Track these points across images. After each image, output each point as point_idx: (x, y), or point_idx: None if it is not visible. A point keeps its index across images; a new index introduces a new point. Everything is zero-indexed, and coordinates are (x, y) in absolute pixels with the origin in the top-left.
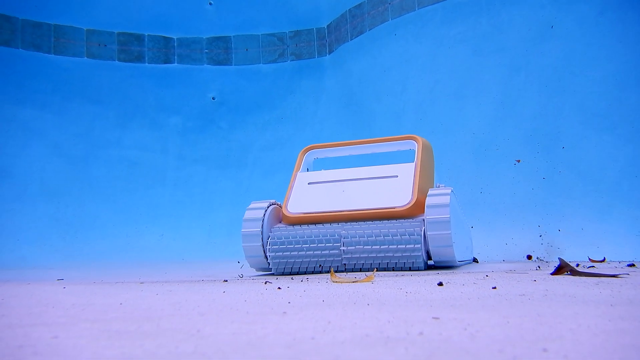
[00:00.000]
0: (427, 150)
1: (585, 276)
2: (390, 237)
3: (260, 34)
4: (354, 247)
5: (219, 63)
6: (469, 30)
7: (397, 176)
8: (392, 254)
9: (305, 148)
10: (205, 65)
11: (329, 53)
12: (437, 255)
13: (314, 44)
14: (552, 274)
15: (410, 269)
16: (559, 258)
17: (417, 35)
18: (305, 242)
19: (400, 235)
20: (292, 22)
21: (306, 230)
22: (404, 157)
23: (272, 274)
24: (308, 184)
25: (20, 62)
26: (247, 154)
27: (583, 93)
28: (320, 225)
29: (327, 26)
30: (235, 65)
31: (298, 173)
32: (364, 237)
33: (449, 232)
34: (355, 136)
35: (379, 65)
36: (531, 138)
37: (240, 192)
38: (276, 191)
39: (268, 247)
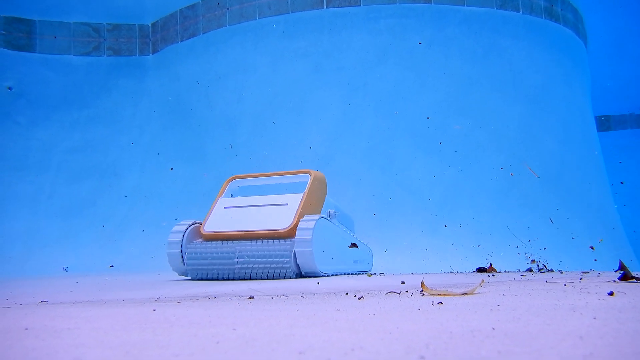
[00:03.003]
0: (316, 182)
1: None
2: (270, 252)
3: (72, 22)
4: (245, 260)
5: (19, 49)
6: (310, 46)
7: (287, 204)
8: (269, 266)
9: (230, 177)
10: (1, 49)
11: (153, 52)
12: (304, 267)
13: (135, 40)
14: (620, 279)
15: (284, 278)
16: (620, 264)
17: (256, 44)
18: (209, 257)
19: (276, 252)
20: (110, 14)
21: (212, 246)
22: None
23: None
24: (224, 208)
25: None
26: (50, 155)
27: (413, 117)
28: (223, 242)
29: (152, 24)
30: (39, 53)
31: (220, 198)
32: (252, 253)
33: (311, 249)
34: (182, 143)
35: (213, 72)
36: (368, 156)
37: (41, 199)
38: (86, 199)
39: (185, 258)
